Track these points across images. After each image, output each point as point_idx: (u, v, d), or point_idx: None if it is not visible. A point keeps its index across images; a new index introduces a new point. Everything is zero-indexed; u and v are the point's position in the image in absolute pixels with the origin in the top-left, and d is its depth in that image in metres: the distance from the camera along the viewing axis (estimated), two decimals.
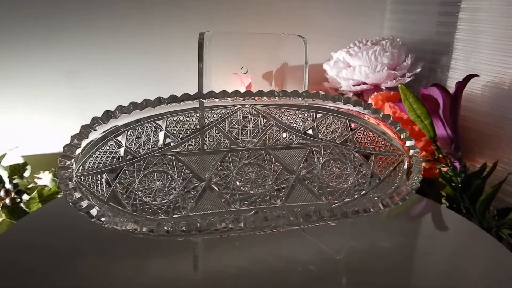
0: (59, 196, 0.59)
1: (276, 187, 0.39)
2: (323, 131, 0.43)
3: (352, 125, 0.42)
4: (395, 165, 0.39)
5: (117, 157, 0.36)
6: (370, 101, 0.68)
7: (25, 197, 0.58)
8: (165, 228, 0.28)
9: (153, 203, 0.36)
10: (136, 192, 0.36)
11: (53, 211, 0.46)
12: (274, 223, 0.29)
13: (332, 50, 0.77)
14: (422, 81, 0.73)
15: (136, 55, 0.72)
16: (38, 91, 0.68)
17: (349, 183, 0.41)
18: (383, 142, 0.41)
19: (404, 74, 0.71)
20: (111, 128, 0.36)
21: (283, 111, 0.42)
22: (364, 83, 0.72)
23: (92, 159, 0.35)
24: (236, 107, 0.40)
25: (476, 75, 0.58)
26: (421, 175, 0.36)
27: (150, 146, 0.38)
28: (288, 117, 0.42)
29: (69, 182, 0.31)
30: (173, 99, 0.37)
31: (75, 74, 0.69)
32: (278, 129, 0.42)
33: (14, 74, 0.66)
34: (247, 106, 0.40)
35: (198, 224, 0.28)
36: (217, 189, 0.38)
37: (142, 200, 0.36)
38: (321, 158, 0.42)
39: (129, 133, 0.37)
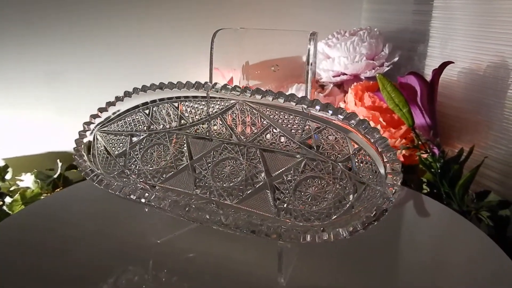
0: (42, 197, 0.59)
1: (241, 187, 0.38)
2: (323, 145, 0.36)
3: (354, 144, 0.34)
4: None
5: (143, 126, 0.43)
6: (350, 91, 0.68)
7: (8, 199, 0.58)
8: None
9: (143, 167, 0.42)
10: (140, 157, 0.42)
11: (36, 211, 0.46)
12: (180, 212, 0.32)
13: None
14: (400, 69, 0.74)
15: (116, 55, 0.71)
16: (17, 92, 0.67)
17: (315, 208, 0.35)
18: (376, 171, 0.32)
19: (383, 64, 0.72)
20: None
21: (277, 113, 0.38)
22: (344, 74, 0.73)
23: (121, 123, 0.43)
24: (231, 101, 0.40)
25: (452, 62, 0.59)
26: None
27: (168, 123, 0.43)
28: (285, 121, 0.38)
29: (85, 132, 0.41)
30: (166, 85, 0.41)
31: (54, 75, 0.68)
32: (276, 131, 0.39)
33: None
34: (240, 101, 0.39)
35: (127, 191, 0.34)
36: (191, 172, 0.41)
37: (137, 164, 0.42)
38: (305, 173, 0.37)
39: (154, 109, 0.42)
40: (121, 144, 0.42)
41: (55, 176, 0.61)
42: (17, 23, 0.64)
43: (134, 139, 0.43)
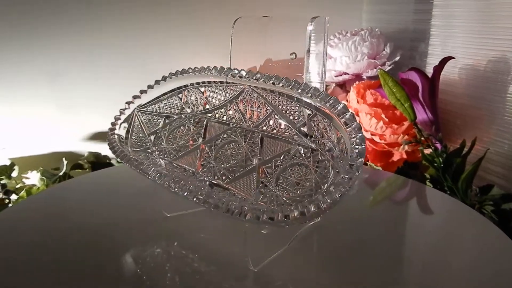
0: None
1: (234, 168, 0.39)
2: (315, 133, 0.36)
3: (337, 133, 0.34)
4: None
5: (177, 109, 0.46)
6: (352, 90, 0.69)
7: (14, 197, 0.58)
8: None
9: (166, 145, 0.44)
10: (166, 136, 0.45)
11: (38, 202, 0.47)
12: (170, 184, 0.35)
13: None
14: (402, 68, 0.75)
15: (117, 55, 0.72)
16: (22, 94, 0.68)
17: (291, 195, 0.35)
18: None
19: (384, 63, 0.73)
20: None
21: (276, 98, 0.38)
22: (346, 73, 0.74)
23: (159, 104, 0.46)
24: (240, 86, 0.41)
25: (452, 58, 0.60)
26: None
27: (196, 107, 0.45)
28: (285, 108, 0.38)
29: (124, 110, 0.45)
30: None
31: (56, 75, 0.69)
32: (277, 117, 0.39)
33: None
34: (247, 86, 0.40)
35: (138, 163, 0.39)
36: (199, 152, 0.42)
37: (162, 142, 0.45)
38: (293, 160, 0.36)
39: (185, 92, 0.45)
40: (154, 125, 0.46)
41: (61, 173, 0.62)
42: (19, 23, 0.65)
43: (167, 120, 0.46)
